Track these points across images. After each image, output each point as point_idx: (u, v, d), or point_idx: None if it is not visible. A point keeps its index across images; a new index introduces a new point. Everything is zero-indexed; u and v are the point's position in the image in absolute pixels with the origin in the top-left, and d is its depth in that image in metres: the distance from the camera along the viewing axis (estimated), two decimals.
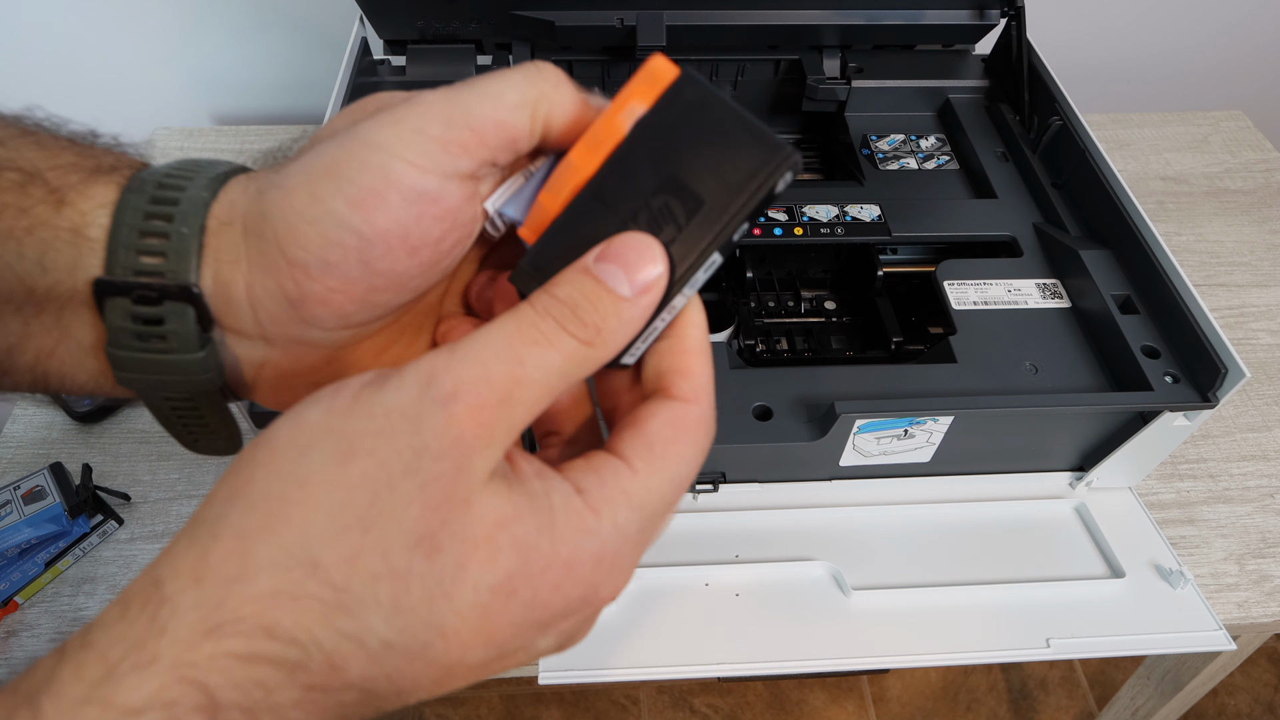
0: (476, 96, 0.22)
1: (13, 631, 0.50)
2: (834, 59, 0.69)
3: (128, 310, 0.22)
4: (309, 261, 0.22)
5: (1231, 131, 0.89)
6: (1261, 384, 0.66)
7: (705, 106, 0.22)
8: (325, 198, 0.22)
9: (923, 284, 0.58)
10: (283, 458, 0.19)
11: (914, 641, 0.49)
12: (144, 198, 0.22)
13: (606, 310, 0.21)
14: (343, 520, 0.18)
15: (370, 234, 0.22)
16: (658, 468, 0.22)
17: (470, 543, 0.19)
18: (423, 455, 0.19)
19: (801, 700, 1.15)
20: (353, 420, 0.19)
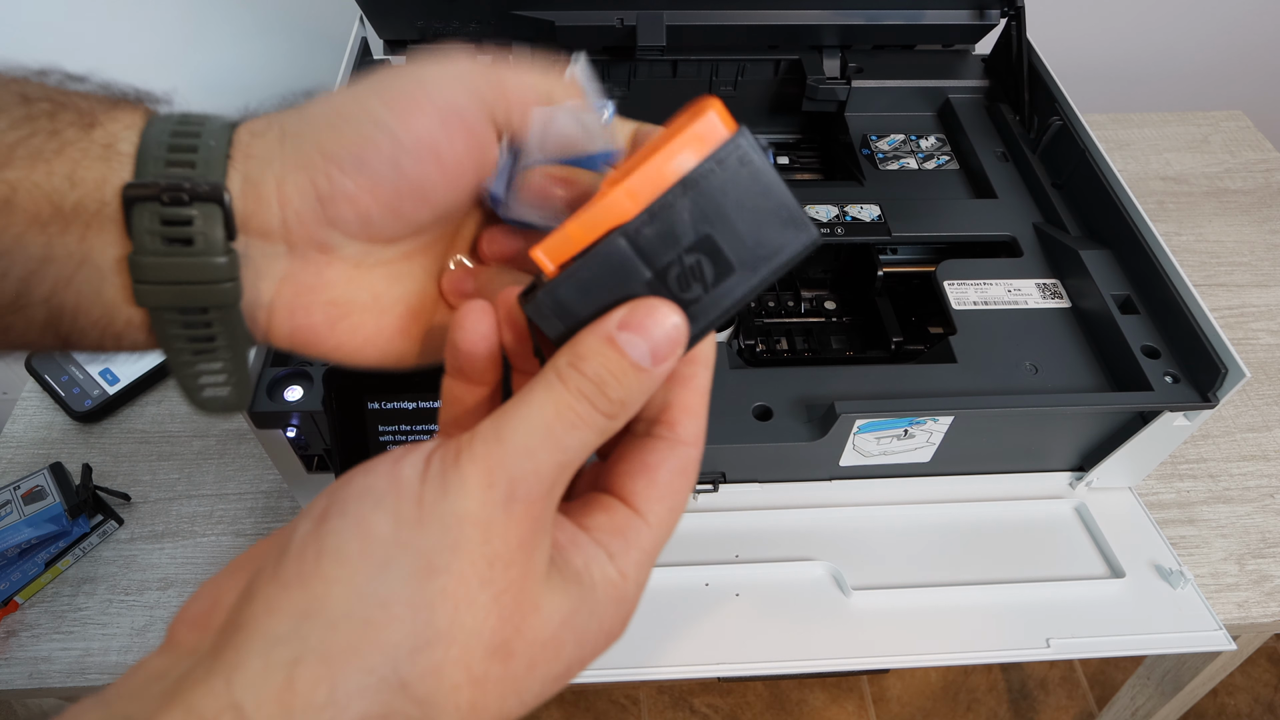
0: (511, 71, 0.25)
1: (13, 631, 0.50)
2: (834, 59, 0.69)
3: (156, 213, 0.23)
4: (344, 157, 0.24)
5: (1231, 131, 0.89)
6: (1261, 384, 0.66)
7: (753, 174, 0.22)
8: (366, 100, 0.24)
9: (923, 284, 0.58)
10: (360, 575, 0.19)
11: (914, 641, 0.49)
12: (171, 120, 0.24)
13: (630, 384, 0.22)
14: (426, 637, 0.19)
15: (405, 138, 0.23)
16: (666, 519, 0.24)
17: (540, 645, 0.21)
18: (494, 564, 0.20)
19: (801, 700, 1.15)
20: (426, 535, 0.19)
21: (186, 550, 0.54)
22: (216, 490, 0.57)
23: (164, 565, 0.54)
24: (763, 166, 0.22)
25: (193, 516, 0.56)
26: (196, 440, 0.60)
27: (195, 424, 0.61)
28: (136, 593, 0.52)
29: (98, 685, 0.49)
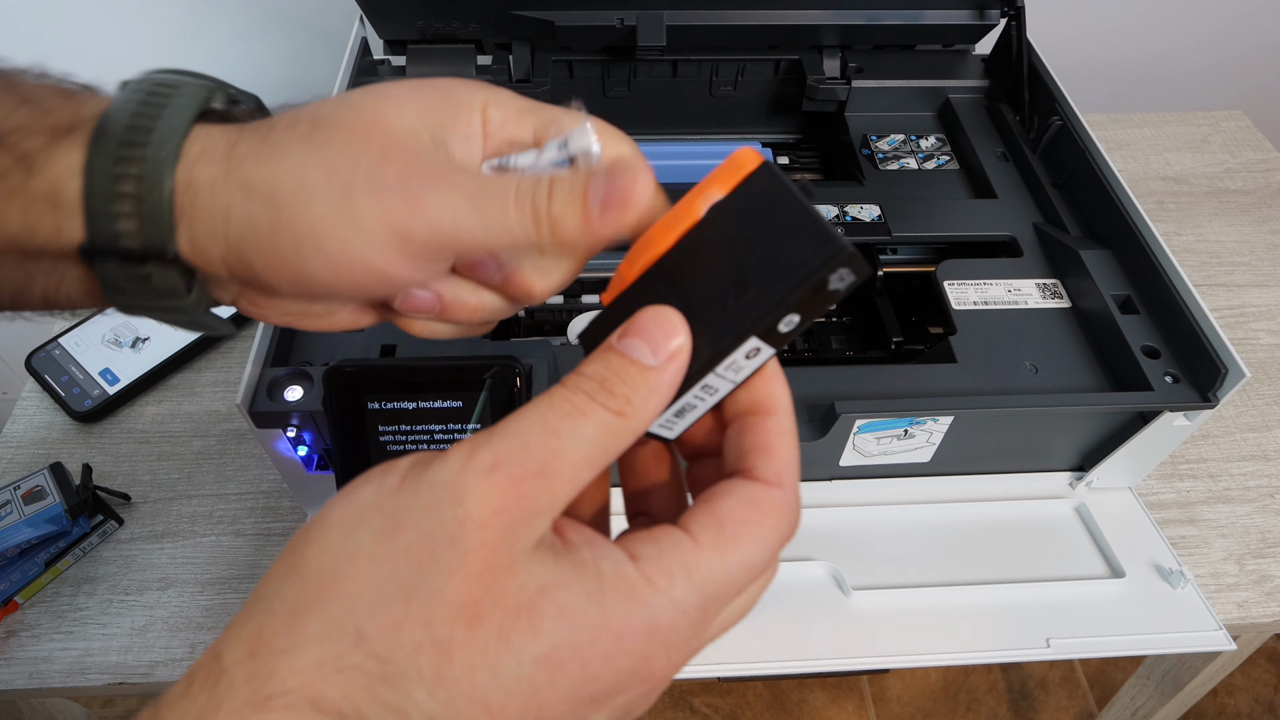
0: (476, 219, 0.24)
1: (12, 631, 0.50)
2: (834, 59, 0.69)
3: (116, 268, 0.24)
4: (278, 288, 0.25)
5: (1231, 131, 0.89)
6: (1261, 384, 0.66)
7: (776, 197, 0.23)
8: (307, 259, 0.23)
9: (923, 284, 0.58)
10: (334, 534, 0.20)
11: (914, 641, 0.49)
12: (109, 159, 0.23)
13: (634, 380, 0.22)
14: (387, 591, 0.19)
15: (336, 290, 0.24)
16: (725, 546, 0.21)
17: (512, 611, 0.19)
18: (466, 524, 0.19)
19: (801, 700, 1.15)
20: (400, 497, 0.20)
21: (186, 550, 0.54)
22: (216, 490, 0.57)
23: (164, 565, 0.54)
24: (784, 189, 0.23)
25: (193, 516, 0.56)
26: (196, 440, 0.60)
27: (195, 424, 0.61)
28: (136, 593, 0.52)
29: (98, 685, 0.49)
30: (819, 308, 0.22)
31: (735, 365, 0.23)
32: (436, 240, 0.23)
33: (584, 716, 0.20)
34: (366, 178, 0.23)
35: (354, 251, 0.23)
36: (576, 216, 0.23)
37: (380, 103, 0.24)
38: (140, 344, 0.63)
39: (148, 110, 0.24)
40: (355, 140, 0.24)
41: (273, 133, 0.24)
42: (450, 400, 0.44)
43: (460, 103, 0.25)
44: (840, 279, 0.22)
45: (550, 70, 0.67)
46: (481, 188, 0.24)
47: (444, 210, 0.23)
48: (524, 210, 0.23)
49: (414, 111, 0.25)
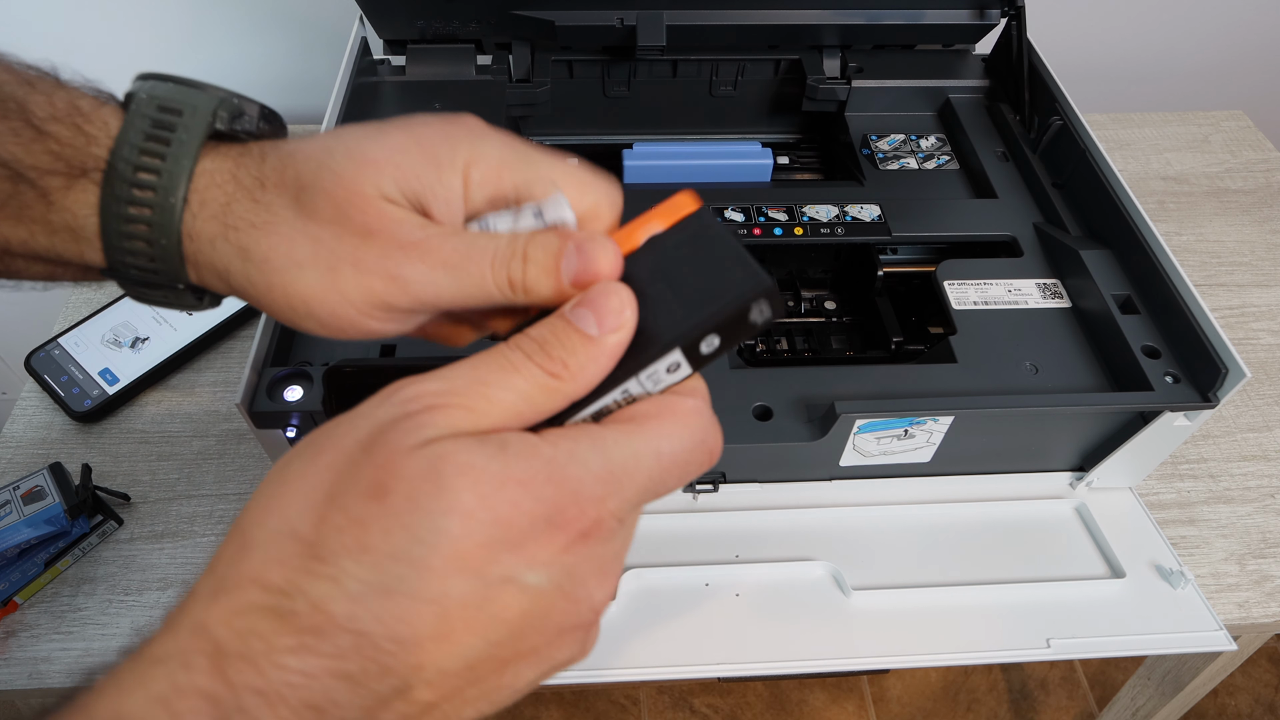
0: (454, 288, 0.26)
1: (12, 631, 0.50)
2: (834, 59, 0.69)
3: (135, 285, 0.28)
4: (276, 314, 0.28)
5: (1232, 131, 0.89)
6: (1262, 384, 0.66)
7: (711, 236, 0.25)
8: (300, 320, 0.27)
9: (923, 284, 0.57)
10: (274, 473, 0.22)
11: (914, 641, 0.49)
12: (122, 202, 0.26)
13: (575, 346, 0.23)
14: (312, 498, 0.21)
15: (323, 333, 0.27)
16: (631, 431, 0.23)
17: (415, 478, 0.20)
18: (376, 436, 0.22)
19: (801, 700, 1.15)
20: (326, 430, 0.23)
21: (186, 550, 0.54)
22: (216, 490, 0.57)
23: (164, 565, 0.54)
24: (719, 232, 0.25)
25: (192, 516, 0.56)
26: (196, 440, 0.60)
27: (195, 424, 0.61)
28: (136, 593, 0.52)
29: None
30: (737, 336, 0.25)
31: (656, 376, 0.25)
32: (418, 305, 0.26)
33: (515, 568, 0.21)
34: (350, 258, 0.26)
35: (343, 316, 0.26)
36: (550, 287, 0.25)
37: (361, 171, 0.26)
38: (140, 344, 0.63)
39: (154, 147, 0.26)
40: (339, 215, 0.26)
41: (265, 192, 0.27)
42: None
43: (442, 164, 0.26)
44: (760, 312, 0.24)
45: (550, 70, 0.67)
46: (460, 256, 0.25)
47: (424, 282, 0.25)
48: (500, 278, 0.25)
49: (394, 179, 0.26)
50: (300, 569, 0.20)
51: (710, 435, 0.25)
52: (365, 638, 0.20)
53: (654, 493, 0.24)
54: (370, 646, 0.20)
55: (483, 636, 0.21)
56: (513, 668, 0.22)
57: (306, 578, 0.20)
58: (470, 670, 0.21)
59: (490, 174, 0.27)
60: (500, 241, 0.26)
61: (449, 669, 0.21)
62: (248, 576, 0.21)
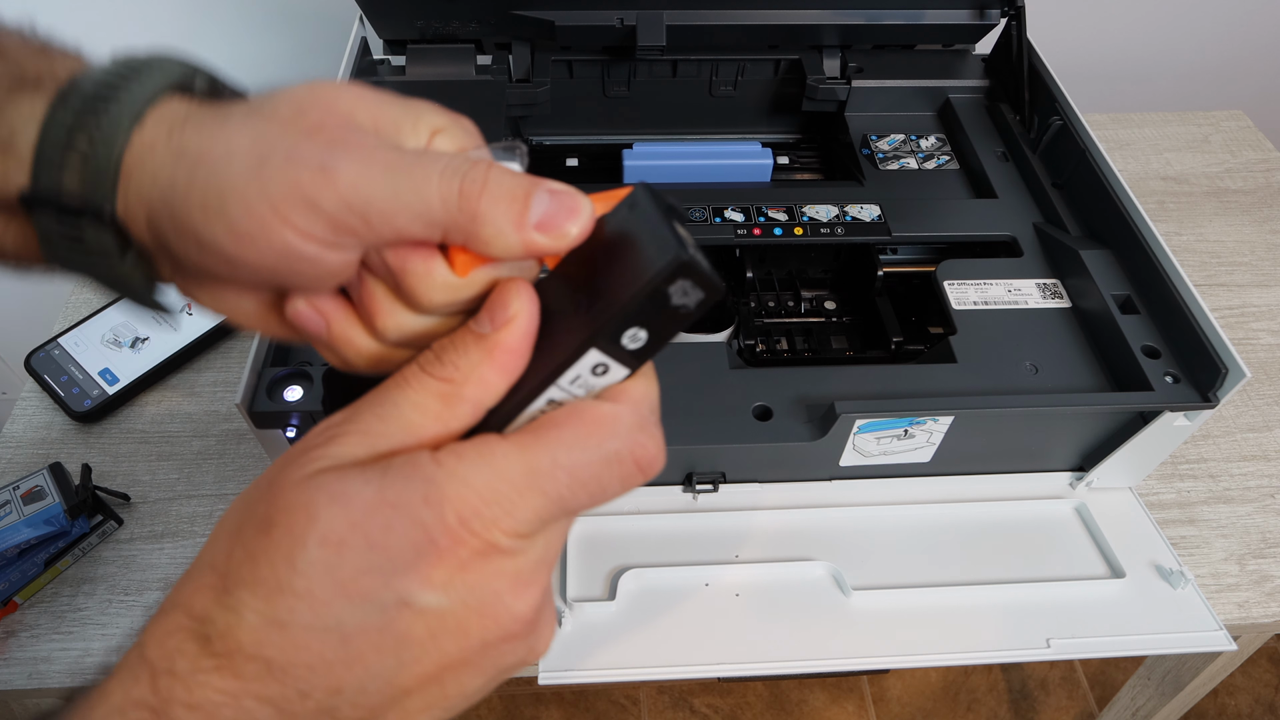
0: (390, 191, 0.22)
1: (12, 631, 0.50)
2: (834, 59, 0.69)
3: (52, 221, 0.24)
4: (185, 257, 0.24)
5: (1232, 131, 0.89)
6: (1262, 384, 0.66)
7: (642, 215, 0.22)
8: (211, 223, 0.23)
9: (923, 284, 0.57)
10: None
11: (914, 641, 0.49)
12: (70, 113, 0.23)
13: (467, 347, 0.23)
14: (228, 530, 0.22)
15: (240, 263, 0.23)
16: (526, 444, 0.22)
17: (294, 510, 0.21)
18: (276, 471, 0.22)
19: (801, 700, 1.15)
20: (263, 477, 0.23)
21: (186, 550, 0.54)
22: (216, 490, 0.57)
23: (163, 565, 0.54)
24: (650, 209, 0.22)
25: (192, 516, 0.56)
26: (196, 440, 0.60)
27: (195, 424, 0.61)
28: (136, 593, 0.52)
29: None
30: (668, 324, 0.22)
31: (581, 380, 0.23)
32: (344, 210, 0.22)
33: (405, 592, 0.21)
34: (288, 146, 0.22)
35: (256, 215, 0.22)
36: (509, 217, 0.22)
37: (341, 92, 0.24)
38: (140, 344, 0.63)
39: (121, 79, 0.24)
40: (295, 114, 0.23)
41: (232, 106, 0.24)
42: None
43: (419, 118, 0.25)
44: (684, 292, 0.21)
45: (550, 70, 0.67)
46: (406, 162, 0.22)
47: (356, 180, 0.22)
48: (449, 188, 0.22)
49: (370, 107, 0.24)
50: (213, 599, 0.21)
51: (635, 446, 0.23)
52: (274, 664, 0.20)
53: (565, 508, 0.22)
54: (281, 672, 0.20)
55: (394, 656, 0.21)
56: (451, 677, 0.22)
57: (217, 607, 0.21)
58: (395, 686, 0.21)
59: (452, 148, 0.25)
60: (459, 157, 0.23)
61: (370, 688, 0.21)
62: (179, 601, 0.22)
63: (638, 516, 0.53)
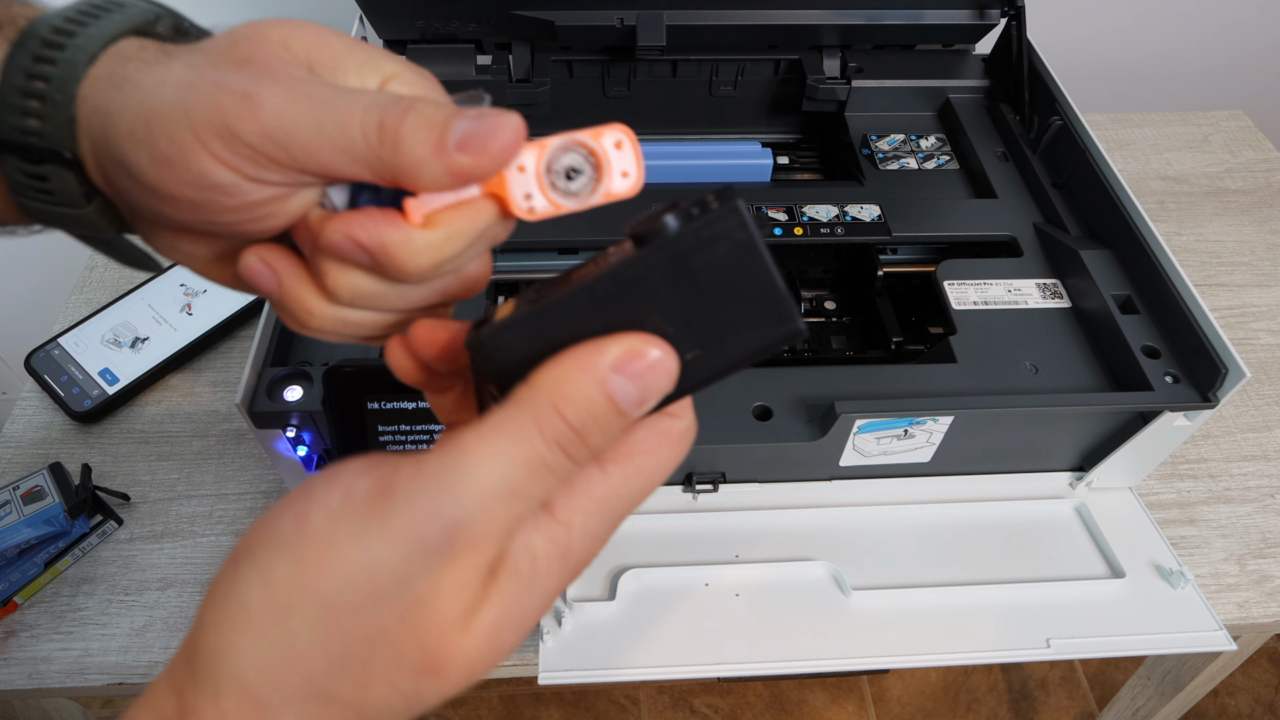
0: (312, 123, 0.21)
1: (12, 631, 0.50)
2: (834, 59, 0.69)
3: (17, 165, 0.24)
4: (123, 189, 0.23)
5: (1232, 131, 0.89)
6: (1262, 384, 0.66)
7: (741, 250, 0.20)
8: (137, 149, 0.22)
9: (923, 284, 0.57)
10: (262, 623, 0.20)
11: (914, 641, 0.49)
12: (29, 56, 0.23)
13: (612, 432, 0.21)
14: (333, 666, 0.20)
15: (162, 194, 0.22)
16: (631, 472, 0.22)
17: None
18: (411, 609, 0.20)
19: (801, 700, 1.15)
20: (327, 581, 0.19)
21: (186, 550, 0.54)
22: (216, 490, 0.57)
23: (163, 565, 0.54)
24: (752, 247, 0.20)
25: (192, 516, 0.56)
26: (196, 440, 0.60)
27: (195, 424, 0.61)
28: (136, 593, 0.52)
29: (97, 686, 0.49)
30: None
31: None
32: (264, 140, 0.21)
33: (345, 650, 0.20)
34: (217, 76, 0.22)
35: (177, 140, 0.21)
36: (429, 140, 0.21)
37: (280, 27, 0.23)
38: (140, 344, 0.63)
39: (80, 23, 0.23)
40: (229, 46, 0.23)
41: (181, 44, 0.24)
42: None
43: (368, 61, 0.24)
44: (777, 349, 0.21)
45: (550, 70, 0.67)
46: (331, 95, 0.22)
47: (279, 110, 0.21)
48: (370, 120, 0.21)
49: (307, 41, 0.23)
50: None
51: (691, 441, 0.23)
52: None
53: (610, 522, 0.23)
54: None
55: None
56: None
57: None
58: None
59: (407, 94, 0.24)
60: (388, 94, 0.22)
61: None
62: None
63: (638, 516, 0.53)
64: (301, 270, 0.24)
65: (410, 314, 0.25)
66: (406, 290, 0.24)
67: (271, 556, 0.20)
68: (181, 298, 0.66)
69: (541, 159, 0.23)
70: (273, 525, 0.20)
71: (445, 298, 0.25)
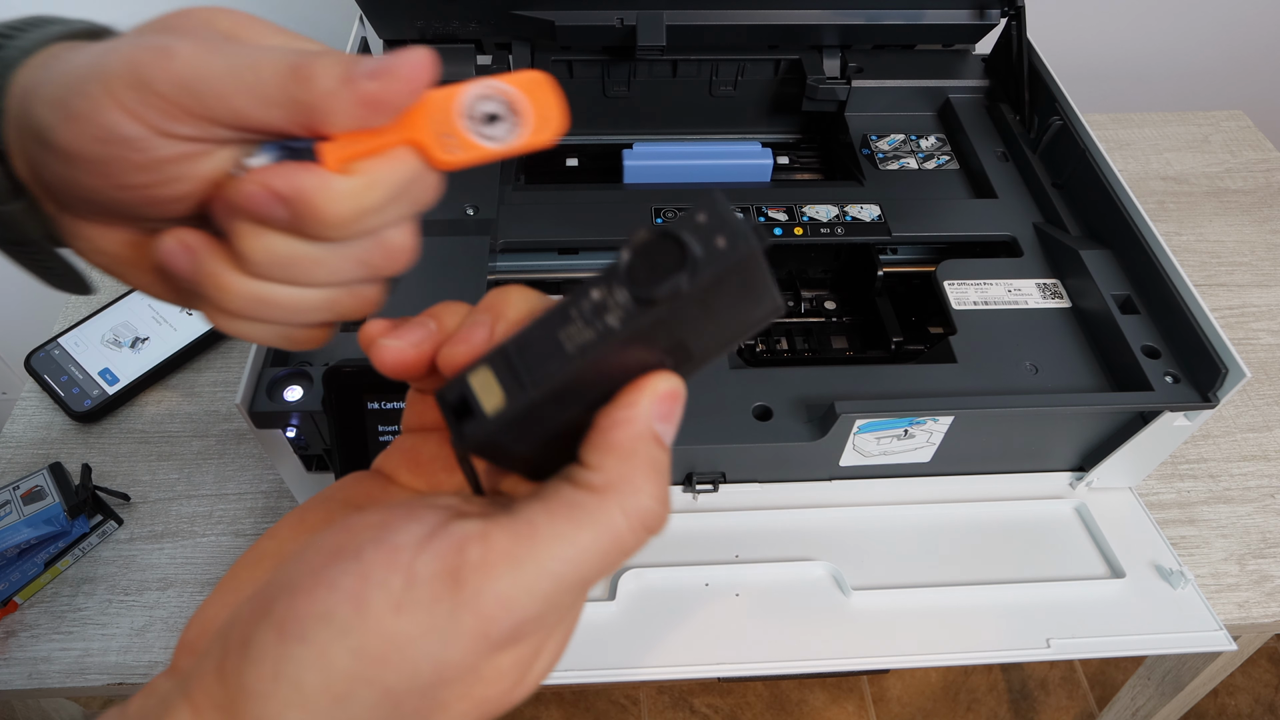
0: (225, 69, 0.21)
1: (12, 631, 0.50)
2: (834, 59, 0.69)
3: None
4: (27, 148, 0.23)
5: (1232, 131, 0.89)
6: (1262, 384, 0.66)
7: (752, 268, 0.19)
8: (50, 111, 0.22)
9: (923, 284, 0.57)
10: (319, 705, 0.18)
11: (914, 641, 0.49)
12: None
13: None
14: None
15: (69, 152, 0.22)
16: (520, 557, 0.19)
17: None
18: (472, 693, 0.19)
19: (801, 700, 1.15)
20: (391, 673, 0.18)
21: (186, 550, 0.54)
22: (216, 490, 0.57)
23: (163, 565, 0.54)
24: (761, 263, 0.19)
25: (192, 516, 0.56)
26: (196, 440, 0.60)
27: (195, 424, 0.61)
28: (136, 593, 0.52)
29: (97, 686, 0.49)
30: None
31: None
32: (176, 89, 0.21)
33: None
34: (136, 37, 0.22)
35: (90, 95, 0.21)
36: (337, 73, 0.21)
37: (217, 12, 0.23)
38: (140, 344, 0.63)
39: (20, 27, 0.24)
40: (158, 23, 0.23)
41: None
42: None
43: (292, 39, 0.24)
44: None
45: (550, 70, 0.67)
46: (246, 49, 0.22)
47: (192, 60, 0.21)
48: (282, 62, 0.21)
49: (232, 20, 0.23)
50: None
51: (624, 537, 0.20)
52: None
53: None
54: None
55: None
56: None
57: None
58: None
59: None
60: (300, 47, 0.22)
61: None
62: None
63: None
64: (218, 248, 0.23)
65: (333, 294, 0.24)
66: (326, 255, 0.23)
67: (328, 642, 0.18)
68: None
69: (459, 99, 0.22)
70: (324, 603, 0.18)
71: (369, 270, 0.24)
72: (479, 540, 0.19)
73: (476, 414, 0.20)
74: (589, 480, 0.20)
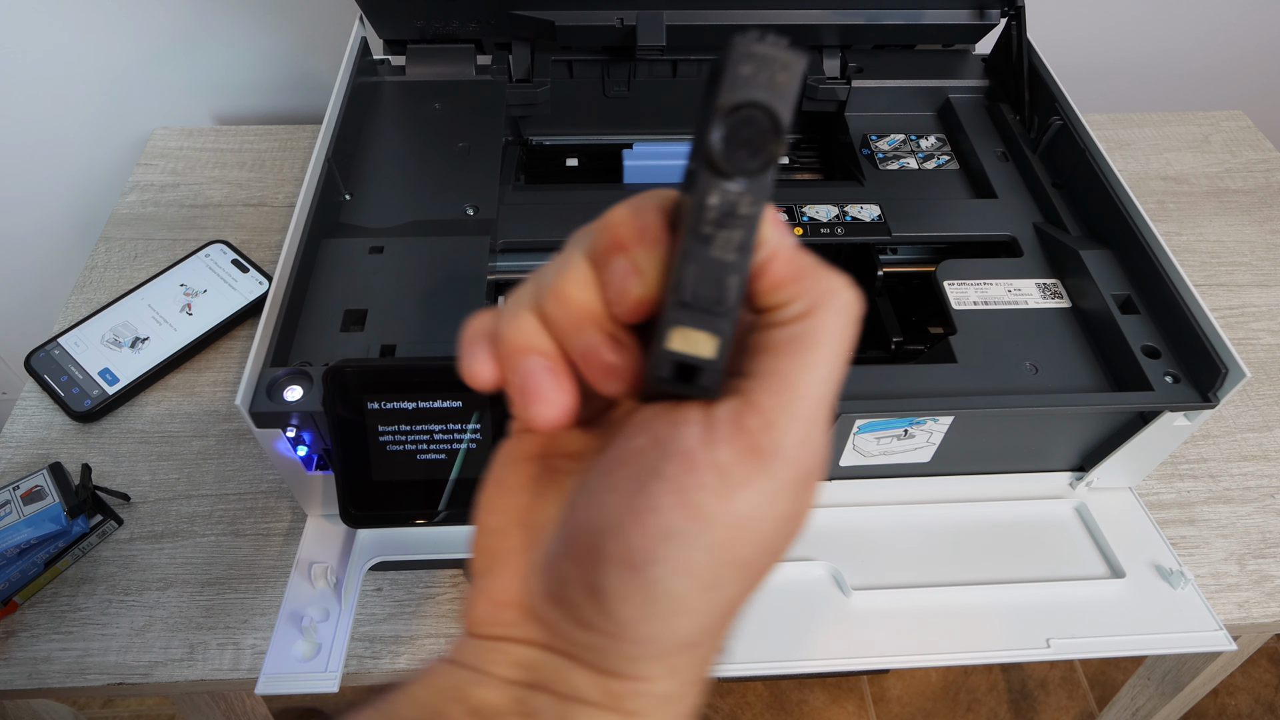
0: None
1: (12, 632, 0.50)
2: (834, 59, 0.69)
3: None
4: None
5: (1232, 131, 0.89)
6: (1262, 384, 0.66)
7: None
8: None
9: (923, 284, 0.57)
10: (696, 603, 0.20)
11: (914, 641, 0.49)
12: None
13: None
14: None
15: None
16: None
17: None
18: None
19: (801, 700, 1.15)
20: (747, 549, 0.21)
21: (186, 550, 0.54)
22: (216, 490, 0.57)
23: (163, 565, 0.54)
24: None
25: (192, 516, 0.56)
26: (196, 440, 0.60)
27: (195, 424, 0.61)
28: (136, 593, 0.52)
29: (97, 686, 0.49)
30: (718, 105, 0.20)
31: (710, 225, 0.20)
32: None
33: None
34: None
35: None
36: None
37: None
38: (140, 344, 0.63)
39: None
40: None
41: None
42: (450, 400, 0.44)
43: None
44: (745, 54, 0.20)
45: (550, 70, 0.67)
46: None
47: None
48: None
49: None
50: None
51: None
52: None
53: None
54: None
55: None
56: None
57: None
58: None
59: None
60: None
61: None
62: None
63: None
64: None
65: None
66: None
67: (680, 551, 0.20)
68: (181, 298, 0.66)
69: None
70: (657, 525, 0.19)
71: None
72: (749, 411, 0.20)
73: (702, 367, 0.20)
74: (792, 313, 0.21)
